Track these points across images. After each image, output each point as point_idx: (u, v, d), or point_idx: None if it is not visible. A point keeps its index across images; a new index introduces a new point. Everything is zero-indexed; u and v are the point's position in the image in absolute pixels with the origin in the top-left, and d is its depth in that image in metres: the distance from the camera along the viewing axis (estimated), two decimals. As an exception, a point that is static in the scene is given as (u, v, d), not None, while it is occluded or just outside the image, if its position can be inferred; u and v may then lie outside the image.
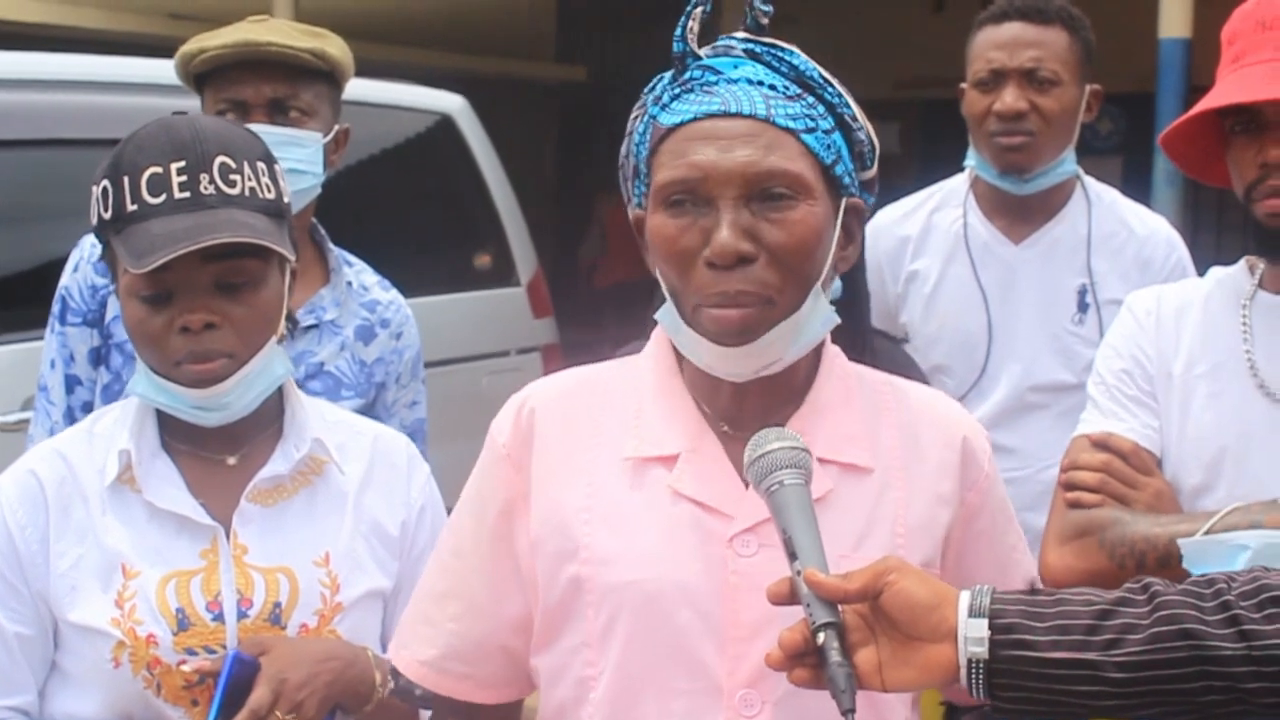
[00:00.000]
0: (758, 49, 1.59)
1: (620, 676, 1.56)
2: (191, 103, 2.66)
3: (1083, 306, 3.01)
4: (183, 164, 1.83)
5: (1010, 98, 2.92)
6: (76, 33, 10.86)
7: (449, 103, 5.61)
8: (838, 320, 1.61)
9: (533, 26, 15.57)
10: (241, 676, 1.78)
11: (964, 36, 3.06)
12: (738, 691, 1.53)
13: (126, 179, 1.83)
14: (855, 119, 1.60)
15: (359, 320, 2.68)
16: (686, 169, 1.53)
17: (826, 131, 1.57)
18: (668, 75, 1.61)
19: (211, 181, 1.83)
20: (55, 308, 2.62)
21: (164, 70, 3.71)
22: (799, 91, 1.57)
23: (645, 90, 1.64)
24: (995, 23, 2.97)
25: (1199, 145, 2.05)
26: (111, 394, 2.53)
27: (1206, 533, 1.87)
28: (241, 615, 1.85)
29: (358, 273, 2.74)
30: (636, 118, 1.64)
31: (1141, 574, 1.51)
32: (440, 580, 1.71)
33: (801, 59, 1.59)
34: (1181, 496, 2.00)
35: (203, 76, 2.61)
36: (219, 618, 1.84)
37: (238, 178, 1.85)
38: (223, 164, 1.84)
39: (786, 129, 1.54)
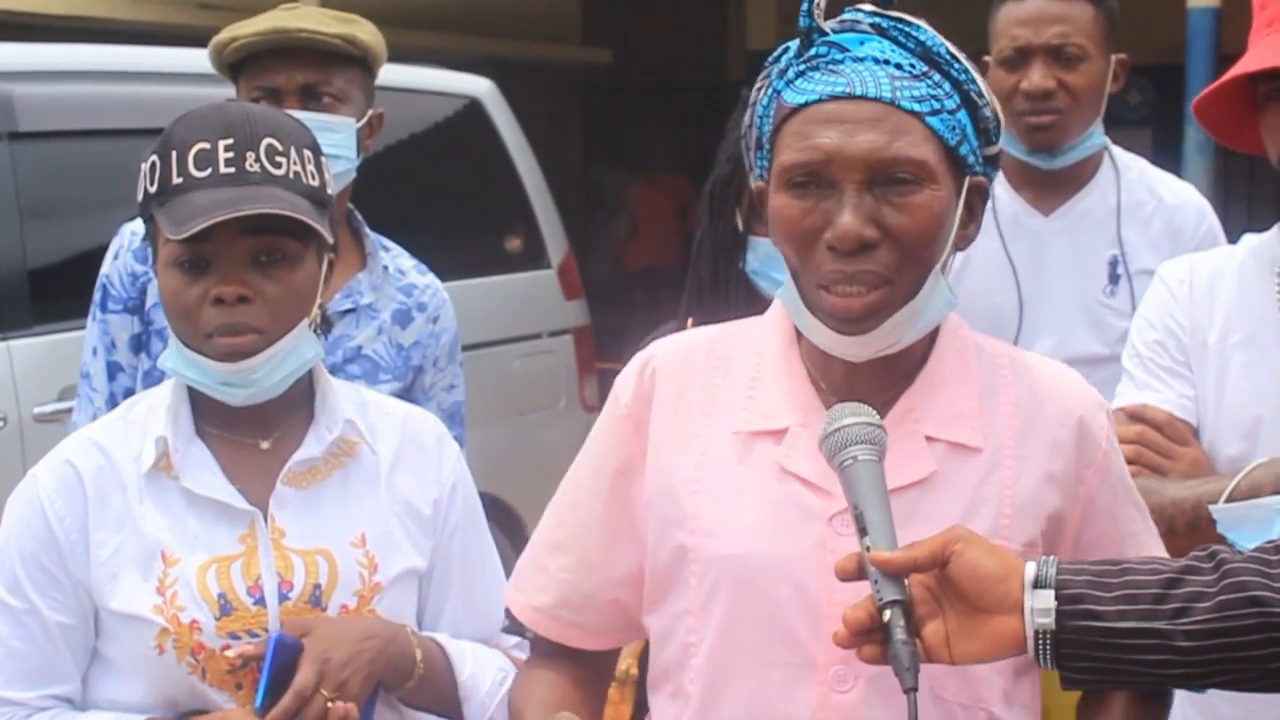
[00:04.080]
0: (885, 24, 1.58)
1: (719, 646, 1.60)
2: (224, 91, 2.68)
3: (1114, 278, 3.00)
4: (230, 141, 1.85)
5: (1037, 76, 2.90)
6: (107, 24, 10.90)
7: (476, 86, 5.61)
8: (957, 301, 1.62)
9: (558, 9, 15.55)
10: (285, 659, 1.80)
11: (987, 9, 3.04)
12: (832, 667, 1.55)
13: (174, 153, 1.86)
14: (982, 95, 1.59)
15: (396, 304, 2.70)
16: (811, 152, 1.53)
17: (951, 111, 1.56)
18: (794, 47, 1.60)
19: (258, 160, 1.85)
20: (96, 295, 2.65)
21: (194, 59, 3.73)
22: (925, 69, 1.56)
23: (769, 60, 1.63)
24: None
25: (1231, 112, 2.04)
26: (152, 380, 2.54)
27: (1233, 490, 1.87)
28: (282, 598, 1.87)
29: (394, 257, 2.76)
30: (760, 89, 1.63)
31: (1172, 539, 1.50)
32: (557, 532, 1.75)
33: (929, 34, 1.58)
34: (1219, 465, 2.00)
35: (236, 65, 2.64)
36: (260, 601, 1.86)
37: (283, 160, 1.87)
38: (269, 145, 1.86)
39: (912, 112, 1.53)
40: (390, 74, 2.76)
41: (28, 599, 1.86)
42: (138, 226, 2.63)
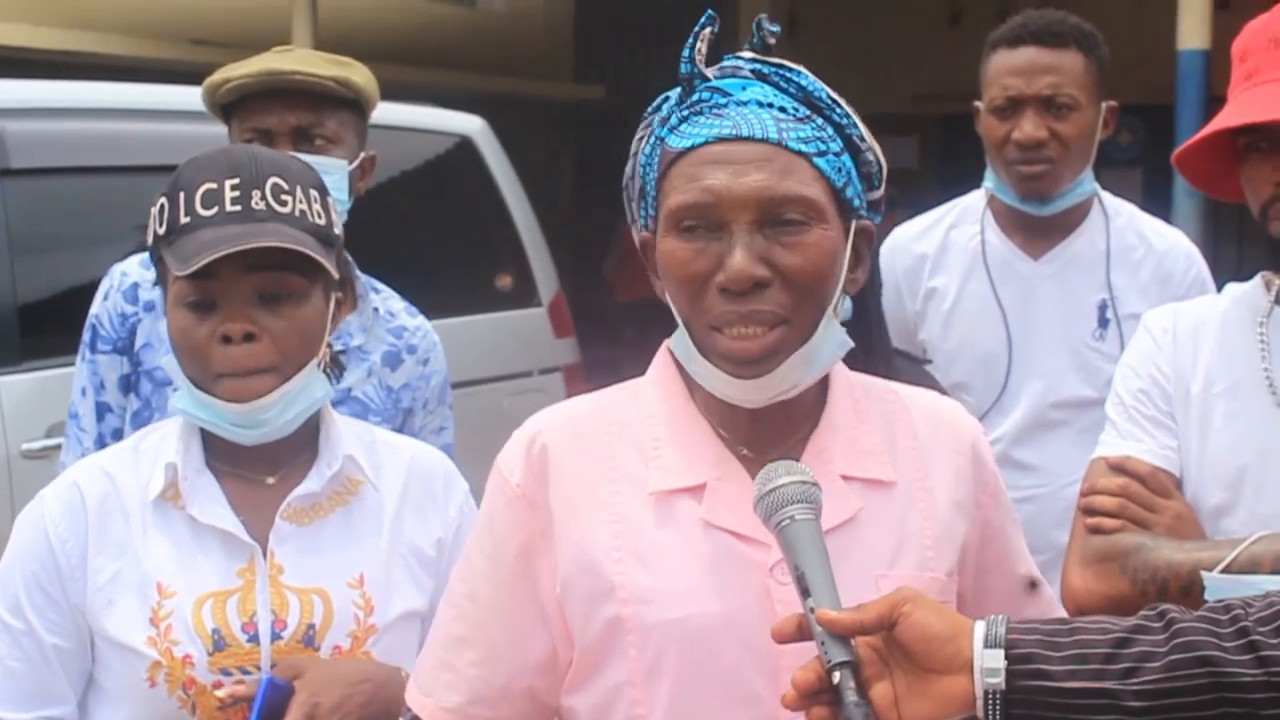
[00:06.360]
0: (765, 69, 1.59)
1: (672, 713, 1.55)
2: (218, 128, 2.69)
3: (1103, 322, 3.01)
4: (237, 180, 1.88)
5: (1029, 127, 2.91)
6: (99, 59, 10.94)
7: (468, 124, 5.64)
8: (851, 344, 1.61)
9: (551, 46, 15.62)
10: (275, 700, 1.80)
11: (980, 49, 3.06)
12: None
13: (182, 194, 1.89)
14: (863, 139, 1.60)
15: (386, 346, 2.70)
16: (699, 193, 1.52)
17: (836, 154, 1.57)
18: (674, 96, 1.60)
19: (263, 198, 1.88)
20: (86, 336, 2.65)
21: (188, 96, 3.73)
22: (808, 113, 1.57)
23: (649, 110, 1.64)
24: (1010, 46, 2.96)
25: (1213, 161, 2.05)
26: (141, 420, 2.56)
27: (1231, 562, 1.86)
28: (276, 636, 1.87)
29: (385, 299, 2.76)
30: (642, 139, 1.63)
31: (1164, 601, 1.49)
32: (457, 625, 1.66)
33: (809, 79, 1.59)
34: (1202, 516, 1.99)
35: (229, 106, 2.64)
36: (254, 638, 1.86)
37: (289, 198, 1.90)
38: (275, 184, 1.89)
39: (799, 153, 1.53)
40: (382, 111, 2.77)
41: (26, 620, 1.87)
42: (128, 267, 2.64)
